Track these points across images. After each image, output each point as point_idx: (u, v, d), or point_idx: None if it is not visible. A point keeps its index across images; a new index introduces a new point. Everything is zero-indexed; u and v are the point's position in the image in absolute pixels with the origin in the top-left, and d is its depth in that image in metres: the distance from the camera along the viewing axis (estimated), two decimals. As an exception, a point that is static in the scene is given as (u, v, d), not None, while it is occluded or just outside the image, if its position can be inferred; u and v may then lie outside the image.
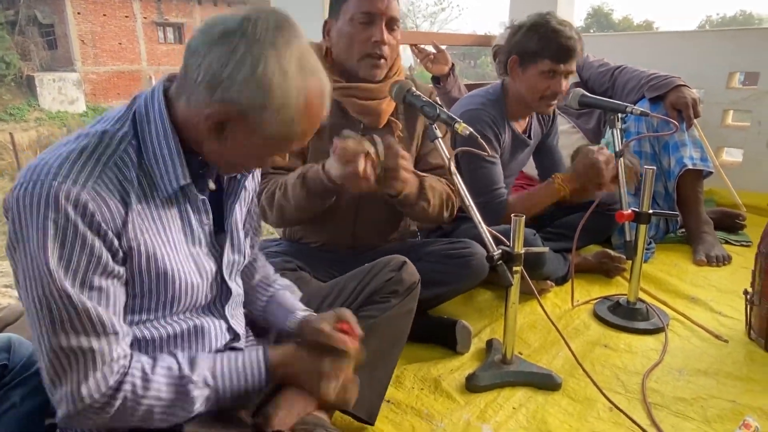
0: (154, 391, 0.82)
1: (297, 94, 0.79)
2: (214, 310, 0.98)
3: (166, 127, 0.82)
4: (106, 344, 0.78)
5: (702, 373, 1.48)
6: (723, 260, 2.21)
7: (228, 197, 0.97)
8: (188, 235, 0.89)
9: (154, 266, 0.83)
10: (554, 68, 1.78)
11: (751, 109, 2.95)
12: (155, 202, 0.83)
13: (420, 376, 1.47)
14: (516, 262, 1.33)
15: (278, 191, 1.41)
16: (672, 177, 2.32)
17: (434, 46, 2.69)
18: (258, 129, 0.80)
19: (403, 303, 1.26)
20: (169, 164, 0.82)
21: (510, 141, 1.95)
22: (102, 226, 0.76)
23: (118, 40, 20.47)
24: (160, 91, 0.84)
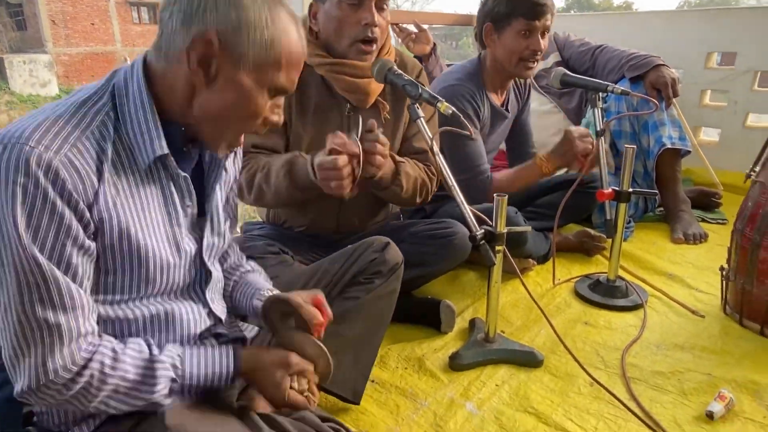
0: (121, 371, 0.80)
1: (269, 14, 0.80)
2: (194, 294, 0.96)
3: (144, 98, 0.80)
4: (74, 319, 0.76)
5: (679, 347, 1.51)
6: (700, 238, 2.25)
7: (209, 176, 0.95)
8: (171, 214, 0.87)
9: (126, 242, 0.81)
10: (529, 26, 1.78)
11: (728, 89, 2.98)
12: (135, 176, 0.81)
13: (404, 355, 1.48)
14: (498, 242, 1.34)
15: (259, 172, 1.38)
16: (651, 156, 2.34)
17: (416, 25, 2.66)
18: (241, 55, 0.79)
19: (387, 284, 1.26)
20: (146, 134, 0.80)
21: (489, 114, 1.95)
22: (73, 195, 0.74)
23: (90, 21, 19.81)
24: (140, 64, 0.82)
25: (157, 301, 0.89)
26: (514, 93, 2.07)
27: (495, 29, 1.84)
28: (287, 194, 1.36)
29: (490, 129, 2.00)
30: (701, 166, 2.79)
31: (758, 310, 1.55)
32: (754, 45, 2.84)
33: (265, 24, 0.79)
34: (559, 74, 1.79)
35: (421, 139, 1.57)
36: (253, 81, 0.81)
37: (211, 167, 0.95)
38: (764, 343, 1.52)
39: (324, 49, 1.46)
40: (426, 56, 2.63)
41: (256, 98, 0.82)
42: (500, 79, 1.94)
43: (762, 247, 1.51)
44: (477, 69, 1.93)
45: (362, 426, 1.22)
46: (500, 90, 2.00)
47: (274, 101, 0.86)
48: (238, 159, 1.05)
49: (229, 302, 1.09)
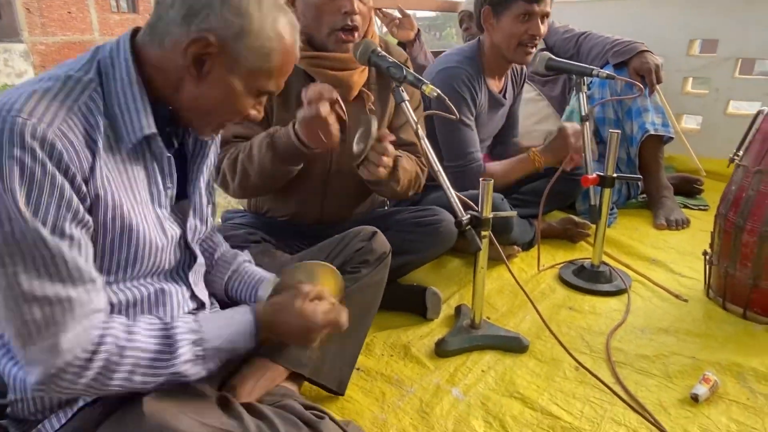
0: (139, 342, 0.77)
1: (272, 24, 0.80)
2: (177, 277, 0.94)
3: (131, 75, 0.79)
4: (85, 292, 0.74)
5: (663, 331, 1.52)
6: (682, 224, 2.27)
7: (194, 160, 0.94)
8: (154, 194, 0.86)
9: (119, 219, 0.79)
10: (529, 9, 1.76)
11: (710, 76, 3.00)
12: (121, 154, 0.80)
13: (390, 343, 1.46)
14: (484, 227, 1.33)
15: (242, 153, 1.33)
16: (634, 143, 2.35)
17: (399, 10, 2.63)
18: (237, 61, 0.79)
19: (374, 273, 1.24)
20: (134, 113, 0.79)
21: (486, 101, 1.93)
22: (71, 168, 0.72)
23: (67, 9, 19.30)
24: (127, 40, 0.81)
25: (143, 283, 0.87)
26: (511, 81, 2.05)
27: (494, 13, 1.81)
28: (272, 168, 1.29)
29: (487, 117, 1.98)
30: (683, 153, 2.81)
31: (741, 294, 1.57)
32: (736, 32, 2.86)
33: (267, 35, 0.80)
34: (545, 59, 1.78)
35: (408, 131, 1.54)
36: (243, 85, 0.82)
37: (196, 151, 0.94)
38: (747, 326, 1.53)
39: (304, 40, 1.41)
40: (410, 42, 2.60)
41: (243, 100, 0.84)
42: (498, 64, 1.91)
43: (745, 231, 1.52)
44: (475, 53, 1.90)
45: (348, 414, 1.20)
46: (498, 76, 1.97)
47: (257, 100, 0.87)
48: (216, 144, 1.03)
49: (222, 292, 1.07)
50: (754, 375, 1.31)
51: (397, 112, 1.55)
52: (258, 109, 0.88)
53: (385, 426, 1.17)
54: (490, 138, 2.14)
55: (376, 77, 1.50)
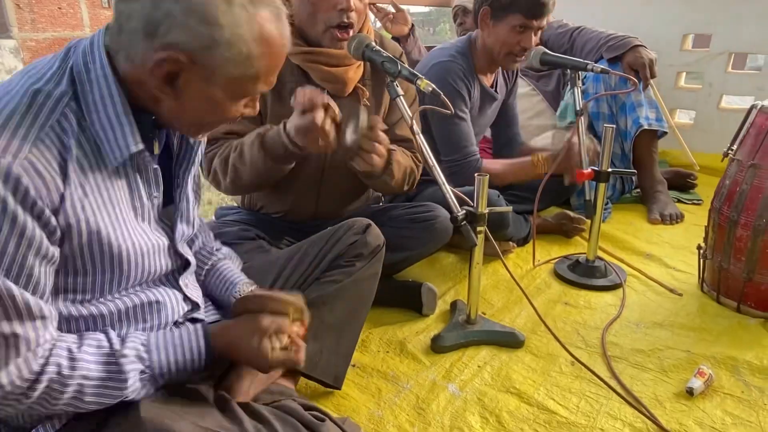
0: (82, 370, 0.74)
1: (248, 23, 0.70)
2: (167, 281, 0.92)
3: (111, 86, 0.71)
4: (32, 329, 0.70)
5: (658, 325, 1.52)
6: (676, 218, 2.28)
7: (180, 164, 0.89)
8: (137, 208, 0.81)
9: (97, 243, 0.74)
10: (526, 23, 1.76)
11: (703, 71, 3.01)
12: (101, 173, 0.73)
13: (385, 339, 1.46)
14: (480, 223, 1.32)
15: (233, 153, 1.32)
16: (628, 138, 2.35)
17: (393, 5, 2.61)
18: (213, 72, 0.71)
19: (369, 266, 1.23)
20: (118, 129, 0.72)
21: (479, 95, 1.93)
22: (37, 203, 0.66)
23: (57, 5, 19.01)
24: (101, 43, 0.73)
25: (133, 293, 0.84)
26: (502, 75, 2.06)
27: (492, 16, 1.81)
28: (264, 167, 1.28)
29: (479, 111, 1.97)
30: (677, 148, 2.82)
31: (735, 288, 1.57)
32: (729, 27, 2.86)
33: (242, 39, 0.70)
34: (539, 53, 1.77)
35: (402, 127, 1.53)
36: (226, 95, 0.75)
37: (181, 155, 0.89)
38: (741, 320, 1.54)
39: (298, 35, 1.40)
40: (404, 37, 2.59)
41: (229, 108, 0.77)
42: (489, 62, 1.92)
43: (739, 225, 1.52)
44: (467, 49, 1.90)
45: (344, 411, 1.20)
46: (489, 72, 1.97)
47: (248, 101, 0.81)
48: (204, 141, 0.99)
49: (202, 288, 1.04)
50: (749, 368, 1.32)
51: (392, 108, 1.54)
52: (252, 106, 0.82)
53: (382, 422, 1.17)
54: (482, 132, 2.14)
55: (371, 73, 1.49)
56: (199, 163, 0.98)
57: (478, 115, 1.98)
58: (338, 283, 1.19)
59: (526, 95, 2.65)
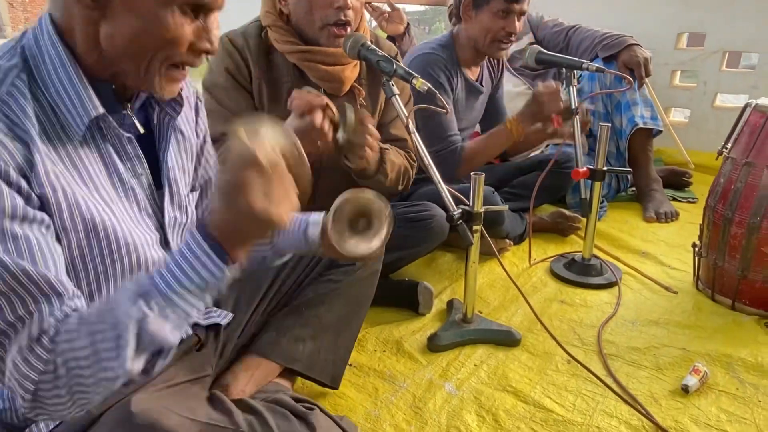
0: (92, 317, 0.66)
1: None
2: None
3: (62, 55, 0.69)
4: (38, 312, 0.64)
5: (653, 323, 1.53)
6: (671, 216, 2.28)
7: (160, 146, 0.84)
8: (117, 185, 0.76)
9: (80, 217, 0.70)
10: (508, 7, 1.78)
11: (697, 69, 3.02)
12: (68, 146, 0.70)
13: (382, 338, 1.46)
14: (476, 221, 1.33)
15: None
16: (624, 136, 2.36)
17: (389, 4, 2.61)
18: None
19: (367, 266, 1.23)
20: (74, 96, 0.70)
21: (463, 88, 1.94)
22: (0, 165, 0.63)
23: (50, 4, 19.12)
24: (47, 18, 0.71)
25: None
26: (488, 69, 2.06)
27: (473, 5, 1.83)
28: None
29: (465, 104, 1.98)
30: (672, 146, 2.83)
31: (729, 285, 1.58)
32: (723, 25, 2.87)
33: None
34: (534, 52, 1.77)
35: (397, 126, 1.53)
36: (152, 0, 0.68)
37: (161, 133, 0.84)
38: (735, 317, 1.54)
39: (295, 33, 1.40)
40: (400, 36, 2.59)
41: (164, 19, 0.68)
42: (473, 55, 1.93)
43: (734, 223, 1.53)
44: (450, 43, 1.92)
45: (341, 410, 1.20)
46: (473, 66, 1.98)
47: (198, 23, 0.71)
48: (202, 119, 0.95)
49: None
50: (743, 365, 1.33)
51: (387, 107, 1.54)
52: (206, 39, 0.72)
53: (379, 422, 1.17)
54: (472, 127, 2.14)
55: (366, 72, 1.49)
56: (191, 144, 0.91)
57: (465, 109, 1.98)
58: (337, 283, 1.19)
59: (522, 94, 2.65)
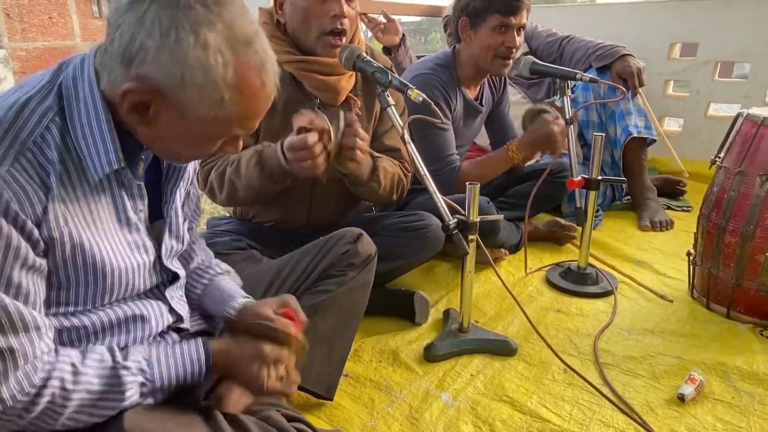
0: (84, 384, 0.74)
1: (223, 69, 0.69)
2: (152, 295, 0.91)
3: (97, 104, 0.72)
4: (28, 342, 0.70)
5: (649, 332, 1.53)
6: (666, 225, 2.30)
7: (168, 181, 0.89)
8: (123, 222, 0.81)
9: (81, 257, 0.75)
10: (505, 22, 1.77)
11: (690, 79, 3.05)
12: (83, 187, 0.74)
13: (378, 348, 1.45)
14: (471, 231, 1.33)
15: (230, 167, 1.33)
16: (618, 146, 2.38)
17: (385, 15, 2.63)
18: (185, 111, 0.70)
19: (360, 276, 1.23)
20: (100, 146, 0.73)
21: (462, 107, 1.94)
22: (20, 216, 0.67)
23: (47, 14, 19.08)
24: (91, 62, 0.73)
25: (117, 306, 0.84)
26: (488, 86, 2.06)
27: (470, 24, 1.83)
28: (259, 185, 1.30)
29: (463, 123, 1.98)
30: (666, 155, 2.85)
31: (724, 294, 1.59)
32: (715, 35, 2.91)
33: (215, 84, 0.69)
34: (529, 62, 1.79)
35: (391, 136, 1.54)
36: (199, 133, 0.74)
37: (170, 171, 0.90)
38: (730, 326, 1.55)
39: (291, 43, 1.41)
40: (395, 47, 2.61)
41: (203, 145, 0.76)
42: (474, 74, 1.92)
43: (727, 232, 1.54)
44: (450, 62, 1.91)
45: (337, 422, 1.19)
46: (474, 84, 1.97)
47: (226, 141, 0.79)
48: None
49: (197, 306, 1.03)
50: (739, 374, 1.33)
51: (382, 118, 1.55)
52: (234, 145, 0.80)
53: (375, 432, 1.17)
54: (468, 144, 2.15)
55: (362, 83, 1.50)
56: (189, 181, 0.98)
57: (463, 127, 1.98)
58: (330, 293, 1.19)
59: (517, 103, 2.67)
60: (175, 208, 0.91)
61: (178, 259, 0.98)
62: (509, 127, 2.17)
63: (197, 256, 1.07)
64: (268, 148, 1.28)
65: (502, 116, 2.16)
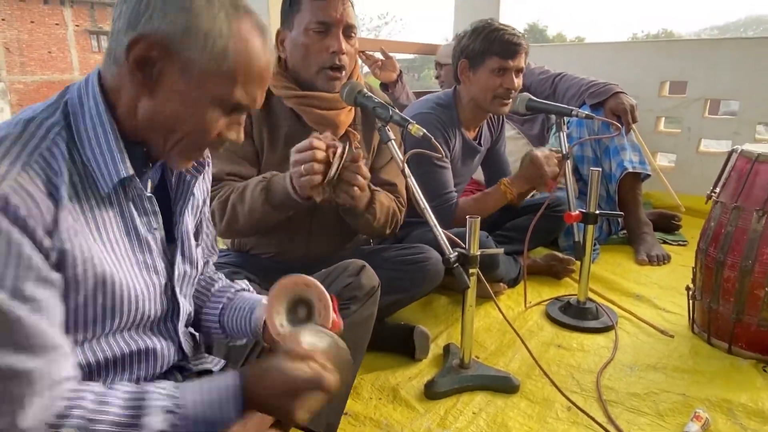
0: (111, 415, 0.68)
1: (226, 21, 0.72)
2: (164, 330, 0.88)
3: (102, 114, 0.73)
4: (47, 363, 0.65)
5: (652, 368, 1.52)
6: (663, 259, 2.30)
7: (176, 202, 0.89)
8: (133, 239, 0.79)
9: (91, 272, 0.72)
10: (503, 65, 1.81)
11: (681, 116, 3.11)
12: (91, 201, 0.73)
13: (378, 385, 1.42)
14: (472, 264, 1.33)
15: (234, 194, 1.33)
16: (613, 180, 2.40)
17: (382, 52, 2.68)
18: (188, 63, 0.71)
19: (363, 309, 1.22)
20: (107, 154, 0.73)
21: (460, 147, 1.95)
22: (29, 223, 0.64)
23: (47, 49, 19.41)
24: (95, 77, 0.75)
25: (125, 339, 0.81)
26: (487, 126, 2.08)
27: (470, 66, 1.86)
28: (262, 211, 1.29)
29: (461, 162, 2.00)
30: (660, 189, 2.88)
31: (725, 329, 1.58)
32: (704, 74, 2.99)
33: (219, 32, 0.72)
34: (525, 99, 1.82)
35: (388, 171, 1.55)
36: (201, 93, 0.73)
37: (179, 191, 0.89)
38: (733, 361, 1.53)
39: (292, 78, 1.43)
40: (393, 83, 2.65)
41: (204, 112, 0.75)
42: (475, 115, 1.95)
43: (726, 266, 1.54)
44: (451, 102, 1.93)
45: (336, 462, 1.16)
46: (474, 125, 2.00)
47: (231, 118, 0.78)
48: (206, 182, 0.99)
49: (216, 325, 1.00)
50: (744, 411, 1.31)
51: (380, 151, 1.56)
52: (235, 130, 0.79)
53: (376, 473, 1.13)
54: (466, 182, 2.16)
55: (361, 118, 1.52)
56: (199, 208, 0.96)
57: (461, 167, 2.00)
58: (331, 328, 1.17)
59: (512, 138, 2.71)
60: (186, 230, 0.89)
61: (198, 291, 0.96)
62: (505, 165, 2.20)
63: (218, 281, 1.06)
64: (277, 176, 1.29)
65: (498, 155, 2.18)
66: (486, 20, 1.86)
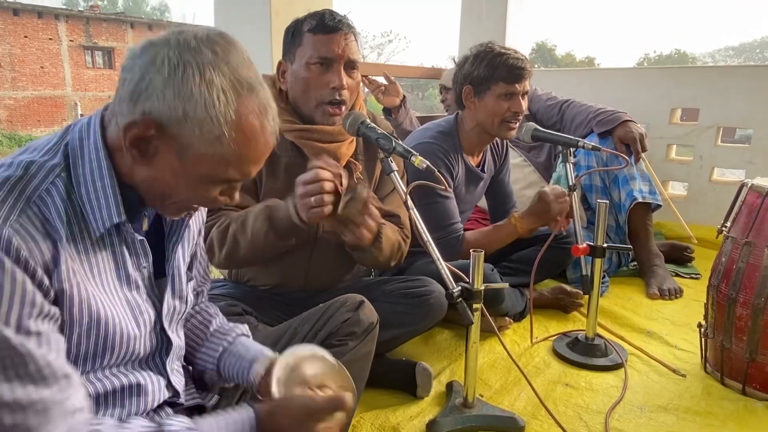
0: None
1: (224, 108, 0.72)
2: (153, 365, 0.88)
3: (101, 159, 0.75)
4: (59, 391, 0.68)
5: (662, 409, 1.46)
6: (675, 293, 2.24)
7: (170, 238, 0.90)
8: (123, 279, 0.81)
9: (87, 311, 0.74)
10: (510, 90, 1.79)
11: (693, 143, 3.07)
12: (85, 242, 0.75)
13: (378, 424, 1.38)
14: (476, 299, 1.29)
15: (234, 223, 1.31)
16: (623, 210, 2.35)
17: (385, 77, 2.69)
18: (183, 147, 0.72)
19: (362, 345, 1.19)
20: (102, 199, 0.75)
21: (463, 174, 1.93)
22: (30, 263, 0.67)
23: (40, 64, 19.21)
24: (98, 120, 0.77)
25: (116, 374, 0.82)
26: (491, 153, 2.06)
27: (475, 93, 1.84)
28: (264, 241, 1.26)
29: (465, 189, 1.97)
30: (672, 220, 2.82)
31: (738, 369, 1.52)
32: (716, 102, 2.95)
33: (216, 120, 0.72)
34: (530, 129, 1.80)
35: (392, 202, 1.53)
36: (195, 172, 0.75)
37: (173, 227, 0.90)
38: (747, 403, 1.47)
39: (293, 111, 1.43)
40: (395, 108, 2.65)
41: (198, 187, 0.77)
42: (478, 140, 1.93)
43: (738, 304, 1.49)
44: (453, 130, 1.91)
45: (331, 507, 1.11)
46: (477, 151, 1.98)
47: (225, 186, 0.80)
48: (201, 211, 1.00)
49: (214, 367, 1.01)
50: (760, 458, 1.25)
51: (382, 182, 1.54)
52: (229, 194, 0.81)
53: None
54: (470, 210, 2.13)
55: (363, 148, 1.50)
56: (194, 241, 0.97)
57: (465, 194, 1.98)
58: (329, 364, 1.14)
59: (518, 166, 2.69)
60: (178, 267, 0.91)
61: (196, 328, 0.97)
62: (509, 194, 2.17)
63: (213, 320, 1.06)
64: (278, 204, 1.27)
65: (502, 184, 2.15)
66: (487, 44, 1.85)
